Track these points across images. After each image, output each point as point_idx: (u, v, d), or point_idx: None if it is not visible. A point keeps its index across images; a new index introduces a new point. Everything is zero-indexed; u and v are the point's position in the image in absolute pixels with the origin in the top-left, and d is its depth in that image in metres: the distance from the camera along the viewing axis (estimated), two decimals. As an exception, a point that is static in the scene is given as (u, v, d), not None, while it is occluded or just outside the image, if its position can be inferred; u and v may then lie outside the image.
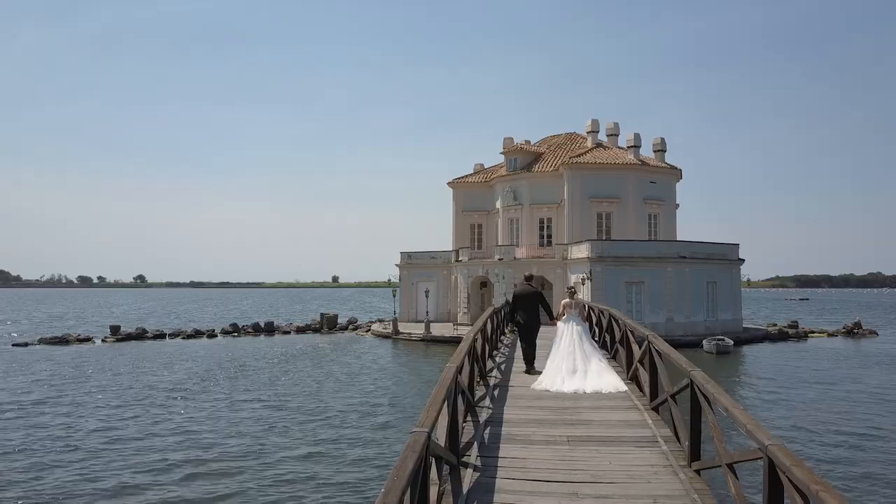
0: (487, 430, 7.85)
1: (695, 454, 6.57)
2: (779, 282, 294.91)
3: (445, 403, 6.16)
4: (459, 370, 7.24)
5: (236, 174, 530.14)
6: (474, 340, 9.64)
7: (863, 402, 21.60)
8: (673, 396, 7.61)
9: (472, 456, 6.88)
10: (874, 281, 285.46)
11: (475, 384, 9.90)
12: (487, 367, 11.77)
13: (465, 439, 7.41)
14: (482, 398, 9.50)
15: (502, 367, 12.68)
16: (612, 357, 12.94)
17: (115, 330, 46.37)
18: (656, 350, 8.59)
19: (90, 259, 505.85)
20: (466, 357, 8.34)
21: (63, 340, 43.03)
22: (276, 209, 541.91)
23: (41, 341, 42.75)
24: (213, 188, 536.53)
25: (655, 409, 8.67)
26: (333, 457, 14.55)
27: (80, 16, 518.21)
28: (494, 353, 14.58)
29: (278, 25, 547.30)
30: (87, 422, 18.50)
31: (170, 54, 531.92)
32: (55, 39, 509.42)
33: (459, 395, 7.61)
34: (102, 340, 43.83)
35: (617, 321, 12.91)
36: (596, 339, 16.02)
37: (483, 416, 8.50)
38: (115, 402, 21.43)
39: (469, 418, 8.29)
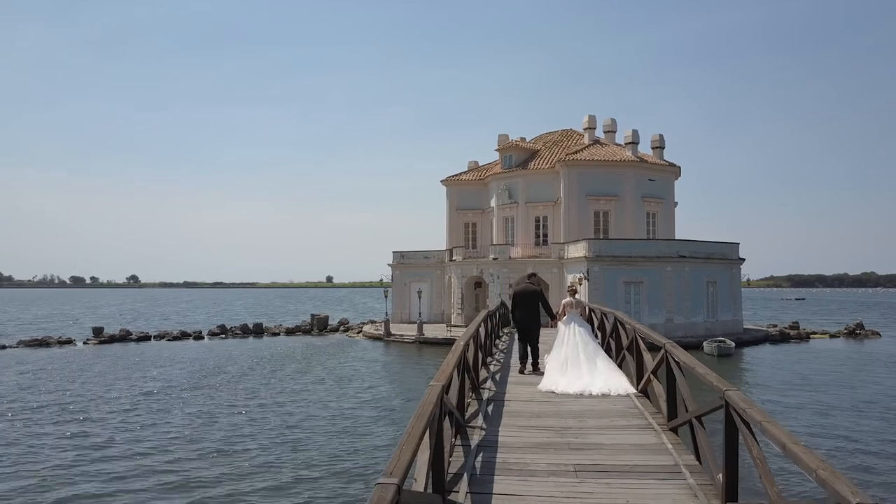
0: (480, 457, 6.67)
1: (731, 493, 5.39)
2: (773, 281, 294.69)
3: (427, 433, 5.01)
4: (446, 389, 6.07)
5: (236, 174, 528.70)
6: (465, 349, 8.46)
7: (884, 407, 20.46)
8: (699, 418, 6.46)
9: (461, 492, 5.70)
10: (868, 280, 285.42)
11: (467, 398, 8.74)
12: (480, 378, 10.59)
13: (453, 469, 6.25)
14: (474, 416, 8.31)
15: (497, 376, 11.49)
16: (619, 366, 11.76)
17: (97, 332, 44.99)
18: (675, 361, 7.42)
19: (84, 259, 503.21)
20: (455, 370, 7.16)
21: (43, 343, 41.62)
22: (274, 209, 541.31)
23: (20, 343, 41.31)
24: (213, 188, 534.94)
25: (674, 430, 7.52)
26: (309, 483, 13.23)
27: (80, 16, 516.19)
28: (489, 359, 13.41)
29: (278, 25, 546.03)
30: (43, 436, 17.14)
31: (170, 54, 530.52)
32: (55, 39, 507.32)
33: (447, 417, 6.46)
34: (84, 343, 42.45)
35: (623, 325, 11.74)
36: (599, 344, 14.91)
37: (475, 438, 7.31)
38: (78, 412, 20.08)
39: (459, 441, 7.13)
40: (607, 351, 13.89)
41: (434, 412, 5.19)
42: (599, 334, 15.37)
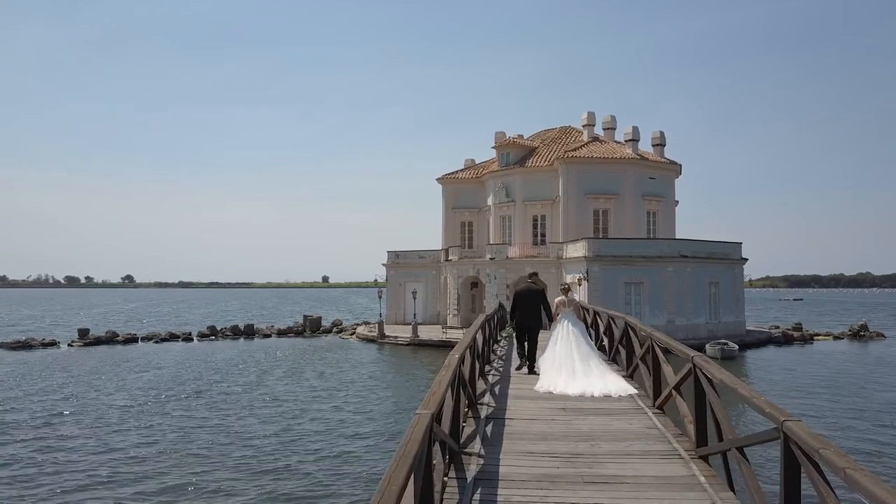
0: (478, 495, 5.56)
1: (793, 550, 4.32)
2: (770, 282, 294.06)
3: (413, 478, 3.93)
4: (437, 416, 4.98)
5: (236, 174, 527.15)
6: (460, 362, 7.36)
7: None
8: (741, 449, 5.38)
9: (455, 546, 4.62)
10: (864, 281, 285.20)
11: (462, 417, 7.64)
12: (478, 392, 9.49)
13: (445, 511, 5.17)
14: (471, 439, 7.21)
15: (496, 388, 10.38)
16: (630, 377, 10.69)
17: (83, 333, 43.65)
18: (707, 377, 6.33)
19: (82, 259, 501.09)
20: (449, 390, 6.07)
21: (25, 345, 40.31)
22: (274, 209, 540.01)
23: (2, 346, 40.01)
24: (213, 188, 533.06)
25: (704, 458, 6.43)
26: None
27: (80, 16, 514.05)
28: (487, 368, 12.31)
29: (278, 25, 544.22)
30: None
31: (170, 54, 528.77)
32: (55, 39, 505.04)
33: (438, 445, 5.38)
34: (68, 345, 41.15)
35: (636, 331, 10.66)
36: (606, 351, 13.95)
37: (472, 469, 6.21)
38: (47, 417, 18.91)
39: (453, 472, 6.04)
40: (615, 358, 12.89)
41: (420, 450, 4.09)
42: (606, 339, 14.38)
